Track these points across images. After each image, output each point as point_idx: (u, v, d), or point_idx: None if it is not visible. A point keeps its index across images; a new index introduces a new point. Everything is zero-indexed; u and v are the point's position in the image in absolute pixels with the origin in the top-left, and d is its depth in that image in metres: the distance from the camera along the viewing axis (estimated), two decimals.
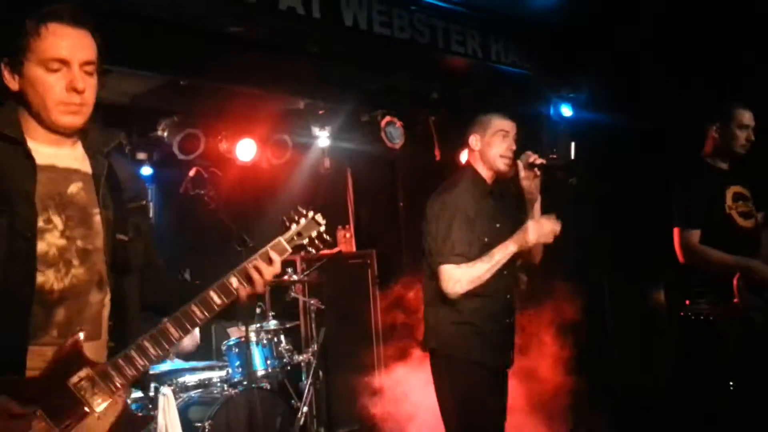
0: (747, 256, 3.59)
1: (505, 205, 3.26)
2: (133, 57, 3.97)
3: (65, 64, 1.83)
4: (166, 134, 4.94)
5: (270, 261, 2.02)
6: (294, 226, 2.08)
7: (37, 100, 1.84)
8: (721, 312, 3.65)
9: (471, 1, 4.71)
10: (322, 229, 2.12)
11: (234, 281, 1.99)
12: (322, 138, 5.43)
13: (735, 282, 3.52)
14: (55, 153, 1.89)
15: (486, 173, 3.21)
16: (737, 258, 3.56)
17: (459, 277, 2.98)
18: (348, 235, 6.17)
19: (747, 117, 3.68)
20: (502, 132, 3.17)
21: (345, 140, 5.62)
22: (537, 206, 3.19)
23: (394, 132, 5.43)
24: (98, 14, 1.92)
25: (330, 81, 4.65)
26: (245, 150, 5.26)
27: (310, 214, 2.11)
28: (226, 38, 4.04)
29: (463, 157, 5.53)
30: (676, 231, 3.66)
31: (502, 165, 3.17)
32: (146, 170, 5.25)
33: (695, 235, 3.59)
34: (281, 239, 2.05)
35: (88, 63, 1.86)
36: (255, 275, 1.99)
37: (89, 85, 1.86)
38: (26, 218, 1.79)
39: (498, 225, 3.16)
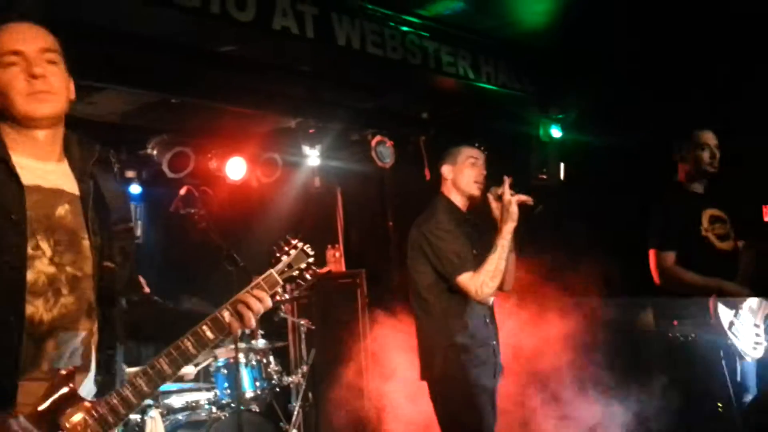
0: (724, 277, 3.65)
1: (480, 232, 3.38)
2: (125, 75, 3.96)
3: (20, 55, 1.79)
4: (155, 152, 4.92)
5: (262, 294, 1.98)
6: (284, 258, 2.06)
7: (4, 101, 1.79)
8: (703, 333, 3.68)
9: (462, 23, 4.75)
10: (311, 260, 2.09)
11: (227, 315, 1.95)
12: (312, 157, 5.43)
13: (711, 303, 3.57)
14: (41, 169, 1.82)
15: (460, 201, 3.39)
16: (709, 279, 3.62)
17: (481, 279, 3.11)
18: (337, 254, 6.14)
19: (706, 136, 3.79)
20: (472, 159, 3.36)
21: (335, 159, 5.63)
22: (506, 229, 3.20)
23: (384, 151, 5.44)
24: (90, 32, 1.90)
25: (322, 100, 4.67)
26: (235, 168, 5.25)
27: (300, 245, 2.08)
28: (219, 57, 4.05)
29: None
30: (651, 252, 3.75)
31: (474, 190, 3.35)
32: (135, 188, 5.21)
33: (670, 257, 3.68)
34: (273, 272, 2.02)
35: (46, 50, 1.82)
36: (246, 310, 1.95)
37: (51, 72, 1.81)
38: (15, 246, 1.71)
39: (475, 252, 3.26)
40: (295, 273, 2.06)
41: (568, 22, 4.66)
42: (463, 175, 3.36)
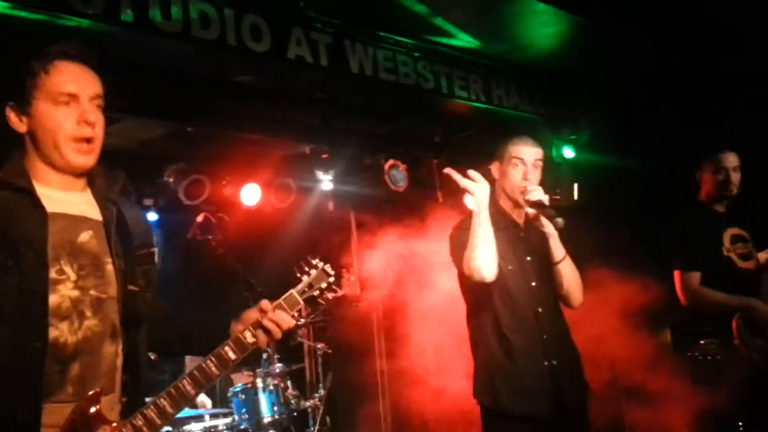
0: (748, 297, 3.61)
1: (535, 241, 2.91)
2: (143, 106, 4.03)
3: (74, 99, 1.82)
4: (172, 180, 4.98)
5: (282, 316, 2.01)
6: (305, 278, 2.09)
7: (47, 139, 1.82)
8: (727, 352, 3.66)
9: (473, 47, 4.80)
10: (332, 279, 2.13)
11: (248, 335, 1.99)
12: (326, 181, 5.47)
13: (734, 323, 3.55)
14: (65, 198, 1.87)
15: (508, 204, 2.95)
16: (738, 298, 3.59)
17: (468, 256, 2.68)
18: (352, 278, 6.16)
19: (730, 159, 3.77)
20: (517, 159, 2.89)
21: (348, 183, 5.66)
22: (552, 243, 2.84)
23: (397, 175, 5.47)
24: (108, 64, 1.94)
25: (335, 126, 4.71)
26: (250, 194, 5.29)
27: (320, 264, 2.12)
28: (234, 86, 4.11)
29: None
30: (676, 274, 3.72)
31: (519, 198, 2.86)
32: (152, 216, 5.26)
33: (695, 277, 3.65)
34: (293, 292, 2.06)
35: (96, 97, 1.86)
36: (264, 332, 1.99)
37: (99, 120, 1.86)
38: (36, 272, 1.75)
39: (528, 258, 2.88)
40: (316, 293, 2.10)
41: (579, 44, 4.70)
42: (507, 179, 2.91)
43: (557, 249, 2.85)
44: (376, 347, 5.88)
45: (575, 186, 5.33)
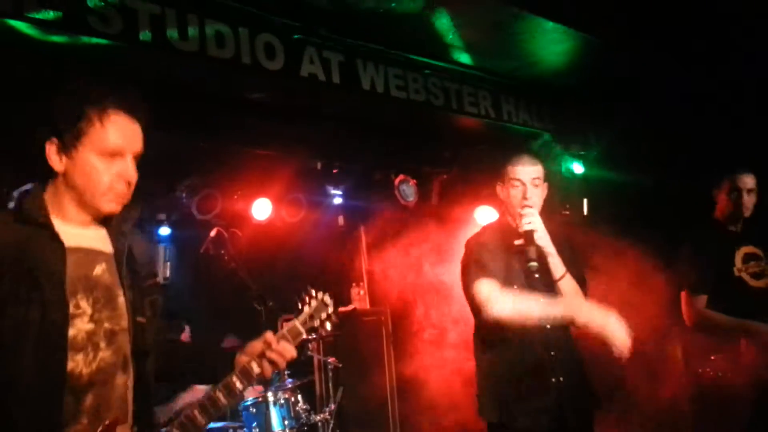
0: (760, 316, 3.62)
1: (541, 255, 2.88)
2: (158, 122, 4.08)
3: (119, 154, 1.85)
4: (184, 195, 5.04)
5: (286, 347, 2.11)
6: (306, 309, 2.21)
7: (83, 185, 1.85)
8: (738, 371, 3.66)
9: (483, 64, 4.85)
10: (330, 310, 2.25)
11: (254, 366, 2.08)
12: (336, 196, 5.52)
13: (743, 343, 3.57)
14: (81, 233, 1.89)
15: (515, 223, 2.91)
16: (742, 321, 3.61)
17: (497, 295, 2.72)
18: (362, 292, 6.19)
19: (746, 180, 3.79)
20: (515, 180, 2.89)
21: (358, 198, 5.71)
22: (551, 261, 2.85)
23: (407, 190, 5.51)
24: (121, 78, 1.94)
25: (347, 142, 4.77)
26: (261, 209, 5.34)
27: (319, 295, 2.24)
28: (248, 103, 4.17)
29: (478, 213, 5.64)
30: (683, 294, 3.76)
31: (518, 218, 2.85)
32: (164, 230, 5.32)
33: (702, 300, 3.69)
34: (296, 323, 2.18)
35: (139, 155, 1.91)
36: (269, 363, 2.08)
37: (135, 176, 1.90)
38: (58, 305, 1.77)
39: (537, 275, 2.82)
40: (316, 323, 2.22)
41: (588, 61, 4.74)
42: (509, 201, 2.91)
43: (556, 267, 2.86)
44: (386, 361, 5.89)
45: (585, 201, 5.35)
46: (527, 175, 2.90)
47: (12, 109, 3.20)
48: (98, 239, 1.94)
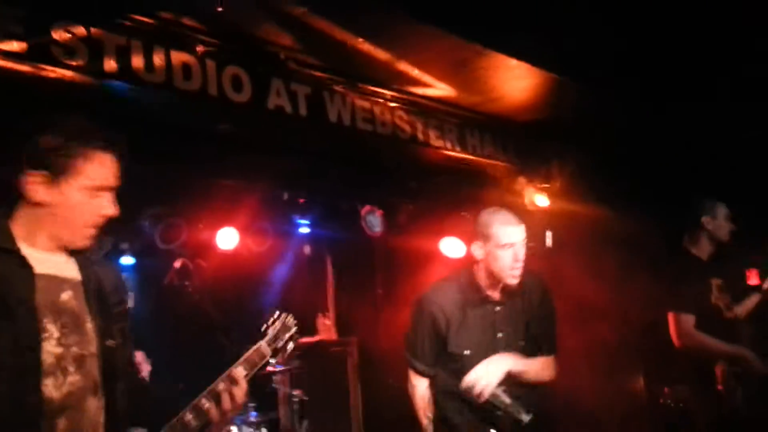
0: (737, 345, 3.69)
1: (509, 313, 2.96)
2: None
3: (104, 191, 1.93)
4: (148, 224, 4.98)
5: (237, 391, 2.12)
6: (270, 331, 2.28)
7: (64, 218, 1.89)
8: (701, 399, 3.71)
9: (448, 98, 4.93)
10: (294, 330, 2.34)
11: (222, 386, 2.09)
12: (303, 226, 5.51)
13: (719, 370, 3.61)
14: (48, 259, 1.92)
15: (487, 282, 2.92)
16: (732, 346, 3.66)
17: (421, 390, 3.04)
18: (328, 322, 6.16)
19: (719, 211, 3.90)
20: (508, 245, 2.81)
21: (325, 228, 5.71)
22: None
23: (374, 220, 5.53)
24: (84, 110, 1.97)
25: (313, 173, 4.78)
26: (226, 238, 5.30)
27: (282, 316, 2.32)
28: (214, 134, 4.16)
29: (443, 244, 5.68)
30: (671, 316, 3.73)
31: (510, 279, 2.84)
32: (127, 259, 5.24)
33: (690, 320, 3.68)
34: (262, 344, 2.23)
35: (116, 188, 1.98)
36: (220, 406, 2.08)
37: (114, 210, 1.98)
38: (29, 330, 1.80)
39: (500, 335, 2.92)
40: (280, 344, 2.29)
41: (552, 97, 4.85)
42: (496, 262, 2.83)
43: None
44: (352, 392, 5.85)
45: (548, 234, 5.43)
46: (518, 236, 2.85)
47: None
48: (66, 266, 1.96)
